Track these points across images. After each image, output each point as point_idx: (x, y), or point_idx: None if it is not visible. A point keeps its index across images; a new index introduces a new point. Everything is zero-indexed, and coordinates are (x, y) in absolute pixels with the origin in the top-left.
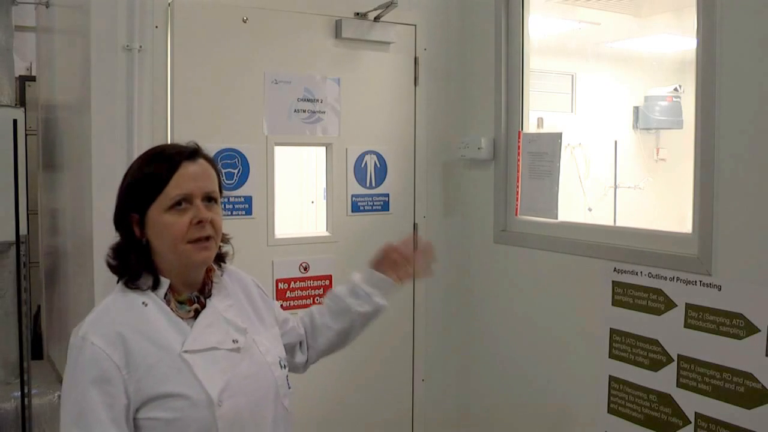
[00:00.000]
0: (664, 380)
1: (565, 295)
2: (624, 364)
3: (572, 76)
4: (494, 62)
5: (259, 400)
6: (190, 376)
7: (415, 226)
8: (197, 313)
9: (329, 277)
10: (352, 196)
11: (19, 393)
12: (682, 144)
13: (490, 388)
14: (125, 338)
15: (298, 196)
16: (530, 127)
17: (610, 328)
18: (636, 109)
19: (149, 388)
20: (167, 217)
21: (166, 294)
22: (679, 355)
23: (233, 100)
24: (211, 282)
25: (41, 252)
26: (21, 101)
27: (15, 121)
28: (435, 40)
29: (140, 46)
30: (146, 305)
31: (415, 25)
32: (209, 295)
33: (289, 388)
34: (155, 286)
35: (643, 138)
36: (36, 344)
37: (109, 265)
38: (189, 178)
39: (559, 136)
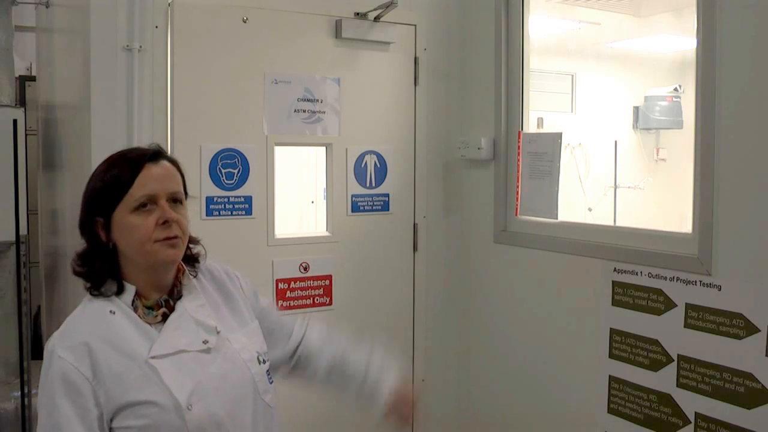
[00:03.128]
0: (664, 380)
1: (565, 295)
2: (624, 364)
3: (572, 76)
4: (494, 62)
5: (236, 398)
6: (158, 382)
7: (415, 226)
8: (166, 317)
9: (329, 277)
10: (352, 196)
11: (19, 393)
12: (682, 144)
13: (490, 388)
14: (91, 349)
15: (298, 196)
16: (530, 127)
17: (610, 328)
18: (636, 109)
19: (118, 398)
20: (133, 219)
21: (133, 300)
22: (679, 355)
23: (233, 100)
24: (180, 284)
25: (41, 252)
26: (21, 101)
27: (15, 121)
28: (435, 40)
29: (140, 46)
30: (114, 313)
31: (415, 25)
32: (179, 297)
33: (271, 382)
34: (120, 292)
35: (643, 138)
36: (36, 344)
37: (75, 272)
38: (153, 179)
39: (559, 136)
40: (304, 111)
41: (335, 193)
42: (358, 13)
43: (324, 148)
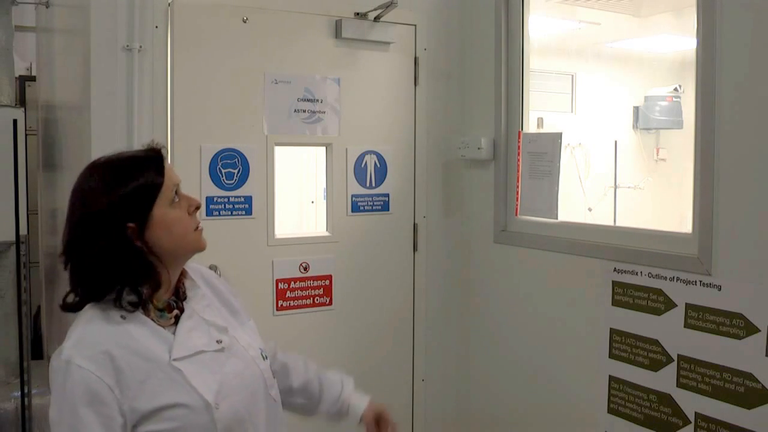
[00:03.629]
0: (664, 380)
1: (565, 295)
2: (624, 364)
3: (572, 76)
4: (494, 62)
5: (252, 395)
6: (184, 383)
7: (415, 226)
8: (176, 318)
9: (329, 277)
10: (352, 196)
11: (19, 393)
12: (682, 144)
13: (490, 388)
14: (113, 356)
15: (298, 196)
16: (530, 127)
17: (610, 328)
18: (636, 109)
19: (145, 404)
20: (173, 212)
21: (145, 303)
22: (679, 355)
23: (233, 100)
24: (184, 284)
25: (41, 252)
26: (21, 101)
27: (15, 121)
28: (435, 40)
29: (140, 46)
30: (125, 318)
31: (415, 25)
32: (185, 298)
33: (274, 377)
34: (139, 301)
35: (643, 138)
36: (36, 344)
37: (93, 293)
38: (170, 170)
39: (559, 136)
40: (304, 111)
41: (335, 193)
42: (358, 13)
43: (324, 148)
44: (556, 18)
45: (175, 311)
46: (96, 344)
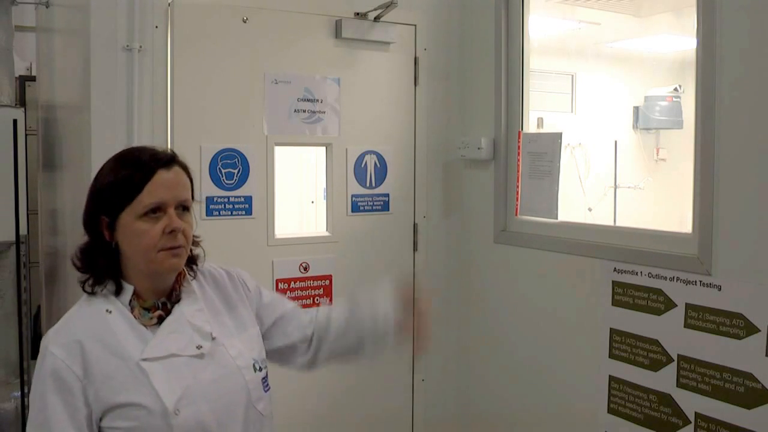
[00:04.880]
0: (664, 380)
1: (565, 296)
2: (624, 364)
3: (572, 76)
4: (494, 62)
5: (227, 405)
6: (147, 384)
7: (415, 226)
8: (162, 319)
9: (329, 277)
10: (352, 196)
11: (19, 393)
12: (682, 144)
13: (490, 388)
14: (84, 347)
15: (298, 196)
16: (530, 127)
17: (610, 328)
18: (636, 109)
19: (107, 398)
20: (140, 224)
21: (130, 300)
22: (679, 355)
23: (233, 100)
24: (180, 287)
25: (41, 252)
26: (21, 101)
27: (15, 121)
28: (435, 40)
29: (140, 46)
30: (110, 312)
31: (415, 25)
32: (177, 300)
33: (266, 391)
34: (118, 292)
35: (643, 138)
36: (36, 344)
37: (75, 266)
38: (163, 186)
39: (559, 136)
40: (304, 111)
41: (335, 193)
42: (358, 13)
43: (324, 148)
44: (556, 18)
45: (158, 312)
46: (72, 333)
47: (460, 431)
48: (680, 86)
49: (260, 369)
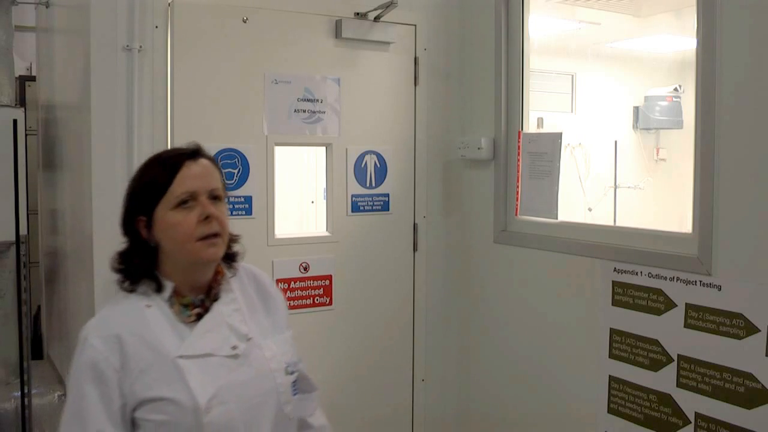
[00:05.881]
0: (664, 380)
1: (565, 296)
2: (624, 364)
3: (572, 76)
4: (494, 62)
5: (257, 407)
6: (181, 381)
7: (415, 226)
8: (200, 316)
9: (329, 277)
10: (352, 196)
11: (19, 393)
12: (682, 144)
13: (490, 388)
14: (122, 340)
15: (298, 196)
16: (530, 127)
17: (610, 328)
18: (636, 109)
19: (141, 391)
20: (174, 216)
21: (170, 297)
22: (679, 355)
23: (233, 100)
24: (219, 285)
25: (41, 252)
26: (21, 101)
27: (15, 121)
28: (435, 40)
29: (140, 46)
30: (149, 307)
31: (415, 25)
32: (216, 299)
33: (295, 394)
34: (159, 289)
35: (643, 138)
36: (36, 344)
37: (114, 269)
38: (192, 176)
39: (559, 136)
40: (304, 111)
41: (335, 193)
42: (358, 13)
43: (324, 148)
44: (556, 18)
45: (197, 310)
46: (111, 327)
47: (460, 431)
48: (680, 86)
49: (291, 373)
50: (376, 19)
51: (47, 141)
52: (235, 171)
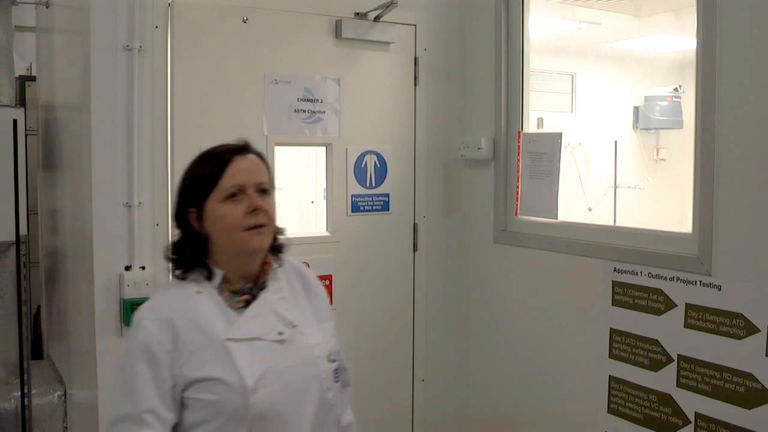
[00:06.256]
0: (664, 380)
1: (565, 296)
2: (624, 364)
3: (572, 76)
4: (494, 62)
5: (300, 391)
6: (229, 362)
7: (415, 226)
8: (248, 303)
9: (329, 277)
10: (352, 196)
11: (19, 393)
12: (682, 144)
13: (489, 389)
14: (175, 324)
15: (298, 196)
16: (530, 127)
17: (610, 328)
18: (636, 109)
19: (191, 372)
20: (224, 208)
21: (220, 284)
22: (679, 355)
23: (233, 100)
24: (266, 275)
25: (41, 252)
26: (21, 101)
27: (15, 121)
28: (435, 40)
29: (140, 46)
30: (200, 293)
31: (415, 25)
32: (263, 287)
33: (336, 381)
34: (210, 277)
35: (643, 138)
36: (36, 344)
37: (167, 259)
38: (240, 170)
39: (559, 136)
40: (304, 111)
41: (335, 193)
42: (358, 13)
43: (324, 148)
44: (556, 18)
45: (245, 297)
46: (164, 311)
47: (460, 431)
48: (680, 86)
49: (334, 361)
50: (376, 19)
51: (47, 141)
52: None
